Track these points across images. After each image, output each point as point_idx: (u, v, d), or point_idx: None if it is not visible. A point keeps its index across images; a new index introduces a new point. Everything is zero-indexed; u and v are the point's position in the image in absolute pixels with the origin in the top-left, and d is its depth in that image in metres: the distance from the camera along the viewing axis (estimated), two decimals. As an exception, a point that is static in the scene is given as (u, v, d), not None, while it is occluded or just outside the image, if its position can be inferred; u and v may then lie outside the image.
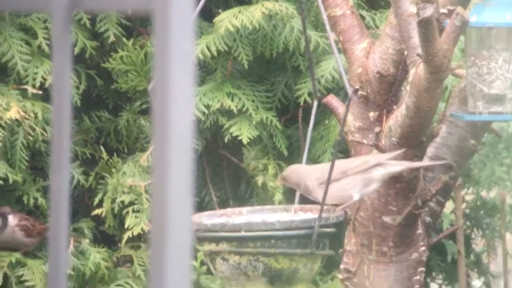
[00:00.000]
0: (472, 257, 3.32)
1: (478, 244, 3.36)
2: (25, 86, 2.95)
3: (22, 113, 2.89)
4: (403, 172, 2.35)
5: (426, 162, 2.43)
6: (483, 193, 3.32)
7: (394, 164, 2.26)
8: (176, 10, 0.63)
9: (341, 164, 2.25)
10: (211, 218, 2.22)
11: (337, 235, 2.30)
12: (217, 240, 2.13)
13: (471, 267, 3.32)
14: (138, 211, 2.93)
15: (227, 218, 2.24)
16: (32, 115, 2.91)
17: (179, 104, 0.64)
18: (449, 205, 3.09)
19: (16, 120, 2.90)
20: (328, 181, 2.13)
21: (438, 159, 2.52)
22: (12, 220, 2.91)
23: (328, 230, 2.13)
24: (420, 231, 2.51)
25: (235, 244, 2.12)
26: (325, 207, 2.15)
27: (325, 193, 2.12)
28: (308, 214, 2.23)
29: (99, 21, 3.01)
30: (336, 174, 2.19)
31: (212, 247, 2.13)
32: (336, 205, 2.22)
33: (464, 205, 3.27)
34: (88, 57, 3.01)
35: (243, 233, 2.11)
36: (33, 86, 2.94)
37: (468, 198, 3.32)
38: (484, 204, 3.32)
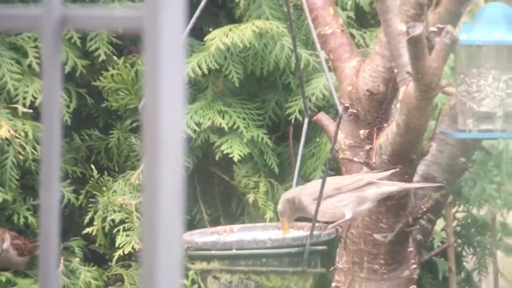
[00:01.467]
0: (463, 274, 3.32)
1: (469, 262, 3.36)
2: (16, 105, 2.94)
3: (13, 132, 2.88)
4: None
5: (419, 183, 2.44)
6: (474, 211, 3.32)
7: (387, 184, 2.26)
8: (166, 28, 0.64)
9: (335, 180, 2.26)
10: (202, 236, 2.22)
11: (329, 253, 2.30)
12: (209, 259, 2.12)
13: (462, 285, 3.32)
14: (129, 229, 2.93)
15: (218, 236, 2.23)
16: (22, 134, 2.91)
17: (170, 122, 0.64)
18: (440, 223, 3.09)
19: (6, 139, 2.89)
20: (320, 198, 2.13)
21: (428, 177, 2.52)
22: (6, 240, 2.90)
23: (319, 248, 2.13)
24: (411, 248, 2.51)
25: (227, 262, 2.11)
26: (317, 224, 2.14)
27: (316, 210, 2.12)
28: (299, 231, 2.22)
29: (89, 40, 3.01)
30: (330, 191, 2.19)
31: (204, 265, 2.12)
32: (328, 223, 2.22)
33: (455, 223, 3.27)
34: (78, 75, 3.01)
35: (234, 251, 2.11)
36: (24, 105, 2.94)
37: (459, 215, 3.32)
38: (475, 222, 3.33)
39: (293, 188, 2.31)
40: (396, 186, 2.27)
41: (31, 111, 2.94)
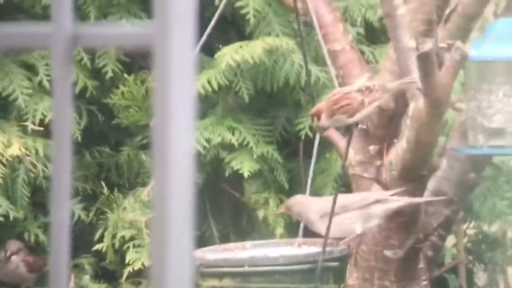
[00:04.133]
0: (474, 291, 3.30)
1: (480, 278, 3.34)
2: (26, 123, 2.95)
3: (23, 150, 2.89)
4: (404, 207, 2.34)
5: (426, 197, 2.43)
6: (485, 227, 3.31)
7: (394, 200, 2.26)
8: (176, 46, 0.64)
9: (342, 198, 2.25)
10: (214, 253, 2.22)
11: (339, 270, 2.29)
12: (221, 276, 2.12)
13: (474, 301, 3.30)
14: (139, 246, 2.93)
15: (230, 253, 2.23)
16: (33, 151, 2.92)
17: (179, 139, 0.64)
18: (451, 239, 3.08)
19: (17, 156, 2.90)
20: (331, 216, 2.13)
21: (439, 193, 2.52)
22: (17, 255, 2.91)
23: (332, 264, 2.12)
24: (422, 265, 2.50)
25: (239, 279, 2.11)
26: (329, 241, 2.14)
27: (328, 227, 2.12)
28: (311, 248, 2.22)
29: (98, 57, 3.03)
30: (336, 208, 2.19)
31: (215, 282, 2.12)
32: (340, 239, 2.21)
33: (465, 239, 3.26)
34: (89, 93, 3.02)
35: (246, 268, 2.11)
36: (33, 123, 2.95)
37: (470, 232, 3.31)
38: (486, 238, 3.31)
39: (308, 198, 2.31)
40: (402, 202, 2.27)
41: (41, 128, 2.95)
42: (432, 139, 2.26)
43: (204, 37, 2.20)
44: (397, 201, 2.25)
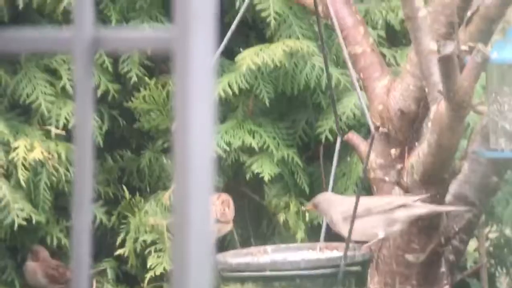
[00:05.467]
0: (496, 295, 3.28)
1: (502, 282, 3.32)
2: (49, 127, 2.97)
3: (46, 154, 2.90)
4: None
5: (449, 207, 2.42)
6: (507, 231, 3.29)
7: (418, 207, 2.25)
8: (196, 50, 0.64)
9: (367, 201, 2.25)
10: (236, 257, 2.21)
11: (361, 274, 2.29)
12: (243, 280, 2.12)
13: (496, 305, 3.28)
14: (160, 250, 2.93)
15: (252, 257, 2.23)
16: (55, 155, 2.93)
17: (200, 142, 0.64)
18: (472, 243, 3.06)
19: (40, 160, 2.91)
20: (353, 220, 2.12)
21: (460, 197, 2.50)
22: (34, 263, 2.90)
23: (354, 268, 2.12)
24: (443, 269, 2.48)
25: (261, 283, 2.11)
26: (351, 245, 2.13)
27: (350, 232, 2.11)
28: (334, 252, 2.21)
29: (121, 62, 3.04)
30: (360, 211, 2.18)
31: (238, 287, 2.12)
32: (362, 242, 2.20)
33: (487, 243, 3.24)
34: (111, 97, 3.03)
35: (268, 273, 2.10)
36: (57, 127, 2.96)
37: (492, 236, 3.29)
38: (508, 242, 3.29)
39: (335, 196, 2.31)
40: (426, 209, 2.26)
41: (64, 133, 2.96)
42: (453, 143, 2.24)
43: (225, 41, 2.20)
44: (422, 207, 2.24)
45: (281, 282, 2.09)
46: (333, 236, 2.29)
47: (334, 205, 2.23)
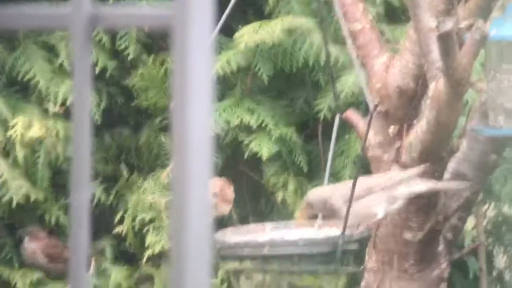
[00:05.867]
0: (494, 273, 3.29)
1: (500, 260, 3.33)
2: (47, 105, 2.96)
3: (44, 131, 2.90)
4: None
5: (450, 183, 2.41)
6: (505, 209, 3.29)
7: (418, 183, 2.24)
8: (195, 27, 0.64)
9: (366, 180, 2.24)
10: (235, 236, 2.22)
11: (359, 252, 2.29)
12: (241, 259, 2.13)
13: (494, 284, 3.29)
14: (158, 228, 2.93)
15: (250, 235, 2.23)
16: (54, 133, 2.93)
17: (198, 121, 0.64)
18: (470, 221, 3.06)
19: (38, 138, 2.91)
20: (351, 198, 2.12)
21: (459, 174, 2.50)
22: (33, 244, 2.91)
23: (352, 247, 2.12)
24: (441, 247, 2.49)
25: (259, 262, 2.11)
26: (349, 222, 2.13)
27: (348, 210, 2.11)
28: (332, 229, 2.21)
29: (119, 39, 3.02)
30: (361, 191, 2.18)
31: (236, 265, 2.13)
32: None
33: (485, 221, 3.25)
34: (108, 75, 3.03)
35: (266, 251, 2.11)
36: (55, 105, 2.95)
37: (490, 214, 3.29)
38: (506, 220, 3.30)
39: (325, 187, 2.30)
40: (427, 186, 2.25)
41: (62, 110, 2.95)
42: (452, 120, 2.24)
43: (224, 18, 2.19)
44: (422, 184, 2.24)
45: (279, 260, 2.10)
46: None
47: (330, 193, 2.22)
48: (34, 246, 2.92)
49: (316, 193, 2.25)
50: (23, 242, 2.93)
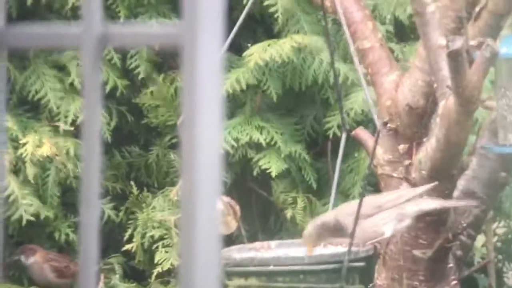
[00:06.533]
0: (504, 290, 3.27)
1: (510, 277, 3.32)
2: (57, 123, 2.97)
3: (54, 150, 2.91)
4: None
5: (459, 201, 2.41)
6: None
7: (428, 202, 2.24)
8: (204, 45, 0.64)
9: (374, 199, 2.24)
10: (240, 252, 2.22)
11: (367, 270, 2.28)
12: (246, 275, 2.12)
13: (504, 301, 3.27)
14: (168, 245, 2.93)
15: (256, 252, 2.23)
16: (64, 151, 2.94)
17: (207, 138, 0.64)
18: (480, 239, 3.05)
19: (48, 156, 2.92)
20: (357, 216, 2.12)
21: (469, 192, 2.50)
22: (37, 259, 2.91)
23: (357, 264, 2.12)
24: (451, 264, 2.48)
25: (264, 279, 2.11)
26: (357, 240, 2.13)
27: (354, 227, 2.11)
28: (338, 247, 2.21)
29: (129, 58, 3.04)
30: (370, 209, 2.18)
31: (241, 282, 2.12)
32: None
33: (495, 238, 3.24)
34: (119, 93, 3.04)
35: (272, 268, 2.10)
36: (65, 123, 2.97)
37: (500, 231, 3.28)
38: (516, 237, 3.28)
39: (324, 214, 2.30)
40: (436, 204, 2.25)
41: (72, 128, 2.96)
42: (462, 138, 2.24)
43: (231, 36, 2.20)
44: (431, 203, 2.24)
45: (285, 277, 2.09)
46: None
47: (332, 214, 2.20)
48: (40, 262, 2.92)
49: (315, 226, 2.19)
50: (28, 261, 2.93)
